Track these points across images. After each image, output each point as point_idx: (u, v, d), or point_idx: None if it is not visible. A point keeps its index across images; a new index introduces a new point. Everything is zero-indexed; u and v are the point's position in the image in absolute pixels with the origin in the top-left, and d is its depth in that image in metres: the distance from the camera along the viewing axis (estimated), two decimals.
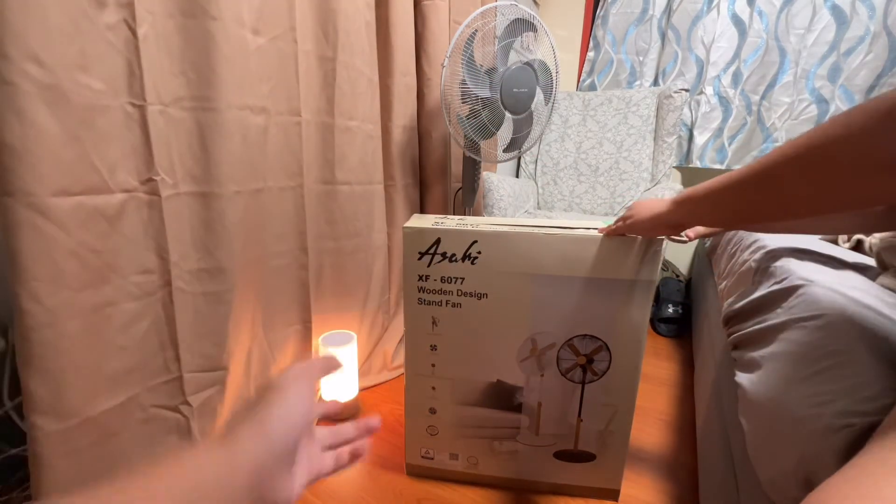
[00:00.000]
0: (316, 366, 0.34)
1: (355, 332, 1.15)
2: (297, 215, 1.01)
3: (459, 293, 0.75)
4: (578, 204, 1.88)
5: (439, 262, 0.74)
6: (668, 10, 1.86)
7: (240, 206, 0.84)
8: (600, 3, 2.00)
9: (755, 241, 0.91)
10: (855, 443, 0.37)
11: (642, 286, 0.70)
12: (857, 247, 0.83)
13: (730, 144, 1.84)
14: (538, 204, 2.02)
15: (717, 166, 1.89)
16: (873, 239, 0.76)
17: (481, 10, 1.14)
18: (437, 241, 0.73)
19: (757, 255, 0.82)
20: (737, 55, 1.77)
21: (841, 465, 0.30)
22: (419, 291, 0.76)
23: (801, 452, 0.40)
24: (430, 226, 0.73)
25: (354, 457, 0.35)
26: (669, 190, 1.52)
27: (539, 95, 1.24)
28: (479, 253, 0.72)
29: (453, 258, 0.73)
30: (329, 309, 1.16)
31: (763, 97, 1.77)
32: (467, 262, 0.73)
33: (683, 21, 1.82)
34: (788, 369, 0.48)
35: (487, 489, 0.88)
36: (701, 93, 1.84)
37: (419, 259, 0.74)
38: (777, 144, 1.80)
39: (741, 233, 1.05)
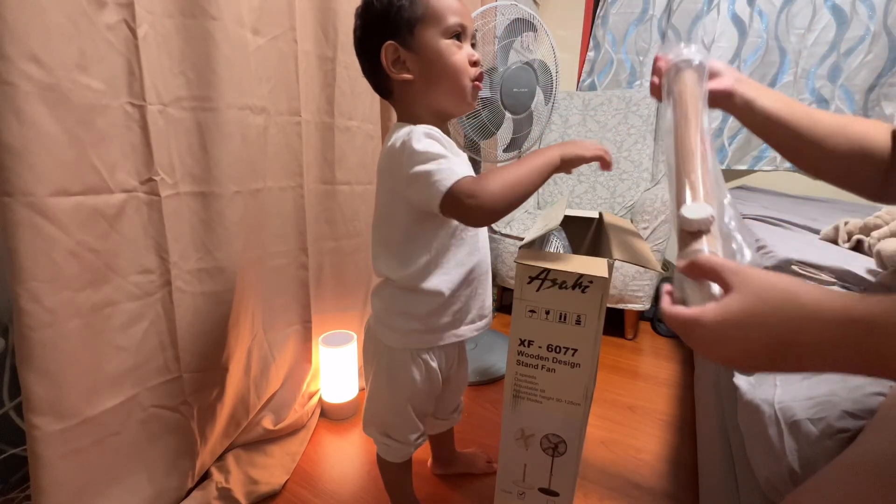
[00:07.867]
0: None
1: (355, 332, 1.15)
2: (297, 215, 1.01)
3: None
4: (578, 204, 1.88)
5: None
6: (668, 10, 1.85)
7: (239, 206, 0.84)
8: (600, 3, 1.99)
9: (754, 242, 0.91)
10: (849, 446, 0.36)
11: None
12: (857, 247, 0.83)
13: (730, 144, 1.84)
14: (538, 204, 2.02)
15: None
16: (871, 239, 0.76)
17: (481, 10, 1.14)
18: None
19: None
20: (737, 55, 1.77)
21: None
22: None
23: (798, 455, 0.41)
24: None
25: None
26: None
27: (539, 95, 1.23)
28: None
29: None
30: (329, 309, 1.16)
31: None
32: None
33: (683, 21, 1.82)
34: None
35: (486, 489, 0.89)
36: None
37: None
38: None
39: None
